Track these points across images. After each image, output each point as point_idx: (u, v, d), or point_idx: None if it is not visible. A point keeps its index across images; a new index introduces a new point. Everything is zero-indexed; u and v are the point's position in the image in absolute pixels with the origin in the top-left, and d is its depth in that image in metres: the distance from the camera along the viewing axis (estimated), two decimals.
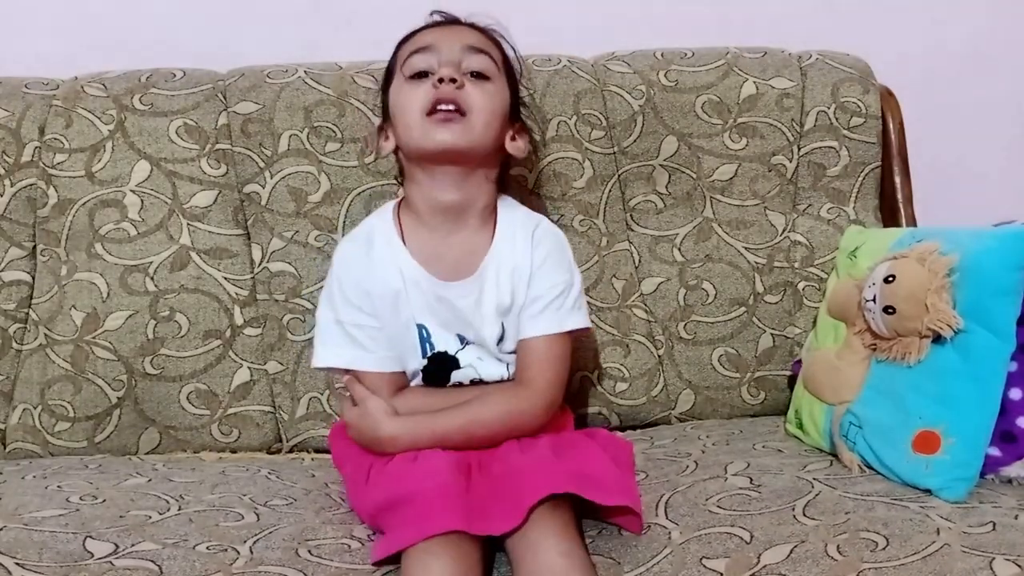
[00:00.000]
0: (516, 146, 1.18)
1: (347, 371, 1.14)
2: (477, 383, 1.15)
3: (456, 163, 1.12)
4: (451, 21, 1.19)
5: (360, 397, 1.10)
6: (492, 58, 1.15)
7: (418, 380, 1.16)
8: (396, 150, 1.18)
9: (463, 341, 1.15)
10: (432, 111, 1.10)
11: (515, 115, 1.20)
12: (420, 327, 1.14)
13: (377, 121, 1.26)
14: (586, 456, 1.03)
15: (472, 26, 1.18)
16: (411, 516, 0.92)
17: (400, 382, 1.14)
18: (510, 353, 1.16)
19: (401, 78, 1.14)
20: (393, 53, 1.20)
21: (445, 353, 1.14)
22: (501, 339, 1.14)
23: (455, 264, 1.14)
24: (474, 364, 1.15)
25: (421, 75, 1.12)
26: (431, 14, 1.20)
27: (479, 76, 1.13)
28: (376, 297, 1.13)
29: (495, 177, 1.18)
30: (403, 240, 1.15)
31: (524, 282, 1.14)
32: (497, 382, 1.15)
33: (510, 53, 1.21)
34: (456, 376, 1.15)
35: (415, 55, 1.13)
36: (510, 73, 1.19)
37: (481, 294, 1.14)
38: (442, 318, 1.14)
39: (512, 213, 1.19)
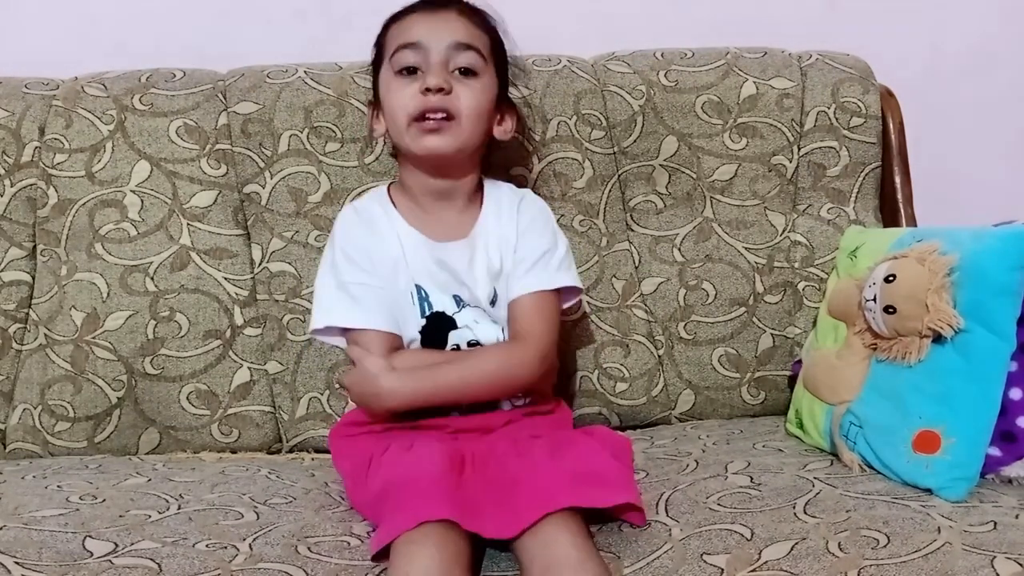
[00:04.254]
0: (502, 130, 1.23)
1: (345, 335, 1.16)
2: (474, 346, 1.17)
3: (444, 162, 1.17)
4: (440, 4, 1.18)
5: (358, 357, 1.12)
6: (480, 52, 1.16)
7: (416, 346, 1.17)
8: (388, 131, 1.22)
9: (459, 303, 1.17)
10: (420, 118, 1.13)
11: (503, 96, 1.23)
12: (419, 288, 1.17)
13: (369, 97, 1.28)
14: (584, 454, 1.03)
15: (461, 10, 1.18)
16: (403, 504, 0.93)
17: (398, 345, 1.16)
18: (502, 318, 1.19)
19: (389, 69, 1.17)
20: (382, 31, 1.21)
21: (443, 314, 1.17)
22: (494, 301, 1.19)
23: (448, 228, 1.20)
24: (470, 326, 1.17)
25: (410, 70, 1.15)
26: None
27: (467, 72, 1.15)
28: (376, 258, 1.17)
29: (480, 158, 1.23)
30: (397, 210, 1.21)
31: (511, 248, 1.20)
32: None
33: (499, 31, 1.22)
34: (453, 338, 1.17)
35: (403, 50, 1.15)
36: (499, 57, 1.21)
37: (473, 256, 1.19)
38: (439, 280, 1.17)
39: (498, 188, 1.26)
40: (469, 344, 1.17)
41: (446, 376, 1.11)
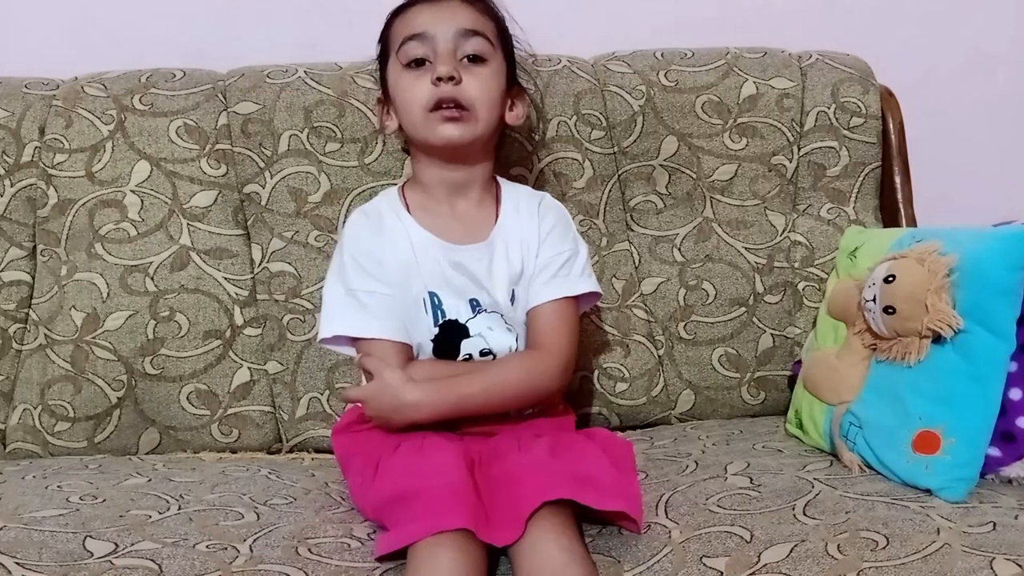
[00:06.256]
0: (515, 115, 1.22)
1: (354, 344, 1.14)
2: (486, 355, 1.15)
3: (462, 151, 1.17)
4: None
5: (376, 369, 1.09)
6: (487, 37, 1.16)
7: (426, 354, 1.16)
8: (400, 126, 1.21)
9: (476, 308, 1.16)
10: (435, 107, 1.12)
11: (512, 80, 1.22)
12: (432, 295, 1.15)
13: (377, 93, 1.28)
14: (584, 457, 1.03)
15: None
16: (420, 511, 0.92)
17: (409, 356, 1.14)
18: (519, 323, 1.18)
19: (397, 63, 1.16)
20: (386, 25, 1.20)
21: (456, 321, 1.15)
22: (512, 302, 1.17)
23: (465, 229, 1.19)
24: (484, 333, 1.15)
25: (418, 62, 1.14)
26: None
27: (476, 59, 1.15)
28: (387, 265, 1.15)
29: (493, 146, 1.22)
30: (411, 214, 1.19)
31: (532, 252, 1.19)
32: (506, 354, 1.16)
33: (502, 14, 1.21)
34: (466, 347, 1.15)
35: (409, 42, 1.14)
36: (505, 42, 1.20)
37: (492, 260, 1.17)
38: (456, 285, 1.16)
39: (515, 189, 1.25)
40: (481, 353, 1.15)
41: (469, 387, 1.10)
